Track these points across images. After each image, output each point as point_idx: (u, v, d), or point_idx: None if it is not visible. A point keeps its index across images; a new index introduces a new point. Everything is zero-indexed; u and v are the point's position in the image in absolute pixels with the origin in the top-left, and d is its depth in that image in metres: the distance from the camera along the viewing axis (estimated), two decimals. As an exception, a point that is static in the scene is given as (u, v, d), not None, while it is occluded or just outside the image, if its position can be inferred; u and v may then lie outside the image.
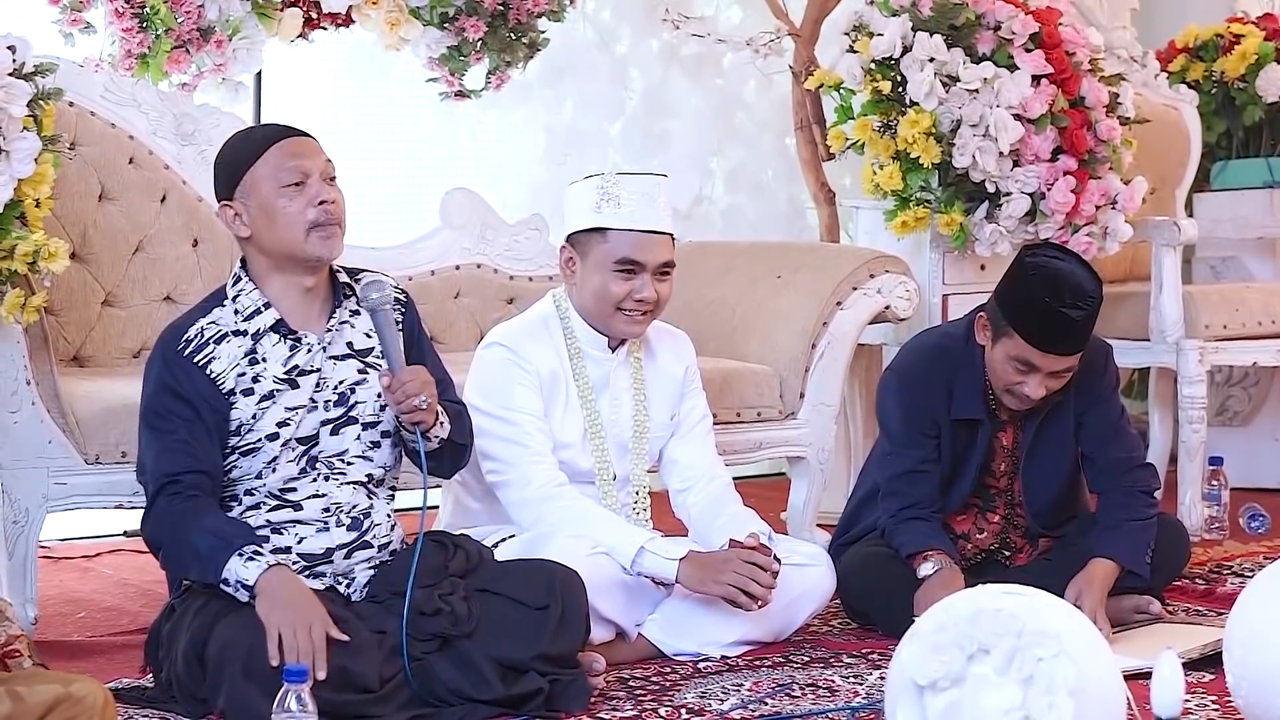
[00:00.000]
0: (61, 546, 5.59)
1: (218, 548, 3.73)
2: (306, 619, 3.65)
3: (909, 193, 5.58)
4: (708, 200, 6.92)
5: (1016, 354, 4.45)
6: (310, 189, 3.87)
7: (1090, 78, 5.77)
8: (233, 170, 3.93)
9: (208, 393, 3.85)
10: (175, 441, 3.83)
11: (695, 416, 4.63)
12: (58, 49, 5.03)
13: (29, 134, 4.23)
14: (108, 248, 4.92)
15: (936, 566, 4.44)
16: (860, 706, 3.96)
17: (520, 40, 5.67)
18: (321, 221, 3.87)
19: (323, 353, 3.92)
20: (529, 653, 3.84)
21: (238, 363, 3.87)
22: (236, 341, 3.89)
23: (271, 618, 3.65)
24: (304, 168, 3.88)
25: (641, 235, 4.36)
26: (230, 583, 3.71)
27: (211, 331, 3.89)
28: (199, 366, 3.85)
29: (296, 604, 3.68)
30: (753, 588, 4.23)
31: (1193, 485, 5.87)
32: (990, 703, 3.07)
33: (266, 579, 3.69)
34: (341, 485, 3.93)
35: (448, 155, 6.54)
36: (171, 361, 3.87)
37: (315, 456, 3.91)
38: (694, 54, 6.77)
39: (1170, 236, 5.88)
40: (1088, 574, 4.48)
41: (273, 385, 3.88)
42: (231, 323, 3.90)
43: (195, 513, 3.79)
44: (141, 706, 3.87)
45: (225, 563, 3.71)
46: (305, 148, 3.92)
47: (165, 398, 3.86)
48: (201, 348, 3.87)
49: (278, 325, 3.90)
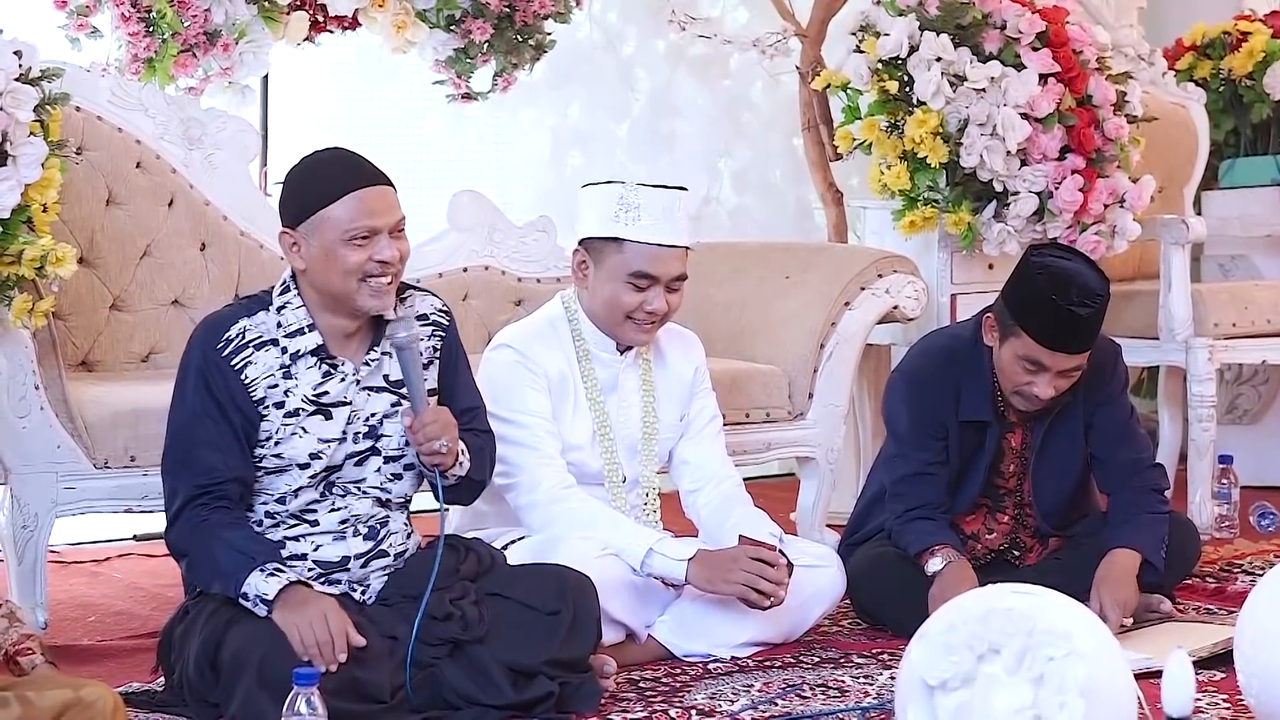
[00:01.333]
0: (71, 551, 5.59)
1: (240, 564, 3.72)
2: (321, 611, 3.65)
3: (916, 192, 5.58)
4: (715, 201, 6.91)
5: (1025, 353, 4.45)
6: (375, 244, 3.81)
7: (1098, 76, 5.77)
8: (303, 205, 3.85)
9: (240, 399, 3.82)
10: (205, 441, 3.81)
11: (705, 417, 4.63)
12: (64, 54, 5.03)
13: (36, 139, 4.23)
14: (115, 252, 4.92)
15: (945, 561, 4.44)
16: (871, 707, 3.96)
17: (526, 42, 5.66)
18: (377, 275, 3.82)
19: (356, 384, 3.89)
20: (540, 658, 3.83)
21: (271, 373, 3.84)
22: (274, 352, 3.85)
23: (288, 621, 3.65)
24: (375, 225, 3.80)
25: (658, 249, 4.35)
26: (249, 597, 3.70)
27: (252, 335, 3.85)
28: (235, 370, 3.82)
29: (312, 605, 3.68)
30: (762, 584, 4.22)
31: (1203, 484, 5.86)
32: (1001, 702, 3.06)
33: (285, 593, 3.68)
34: (360, 499, 3.93)
35: (454, 157, 6.53)
36: (210, 359, 3.83)
37: (334, 482, 3.90)
38: (700, 55, 6.77)
39: (1179, 235, 5.87)
40: (1111, 567, 4.47)
41: (299, 404, 3.85)
42: (273, 331, 3.87)
43: (221, 526, 3.78)
44: (152, 710, 3.87)
45: (246, 578, 3.70)
46: (380, 202, 3.83)
47: (200, 394, 3.82)
48: (240, 350, 3.83)
49: (318, 350, 3.86)
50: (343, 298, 3.84)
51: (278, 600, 3.67)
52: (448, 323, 4.06)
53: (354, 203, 3.80)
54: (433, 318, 4.03)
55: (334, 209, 3.80)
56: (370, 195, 3.83)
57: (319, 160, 3.91)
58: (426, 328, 4.01)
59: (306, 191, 3.85)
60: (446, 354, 4.03)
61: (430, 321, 4.03)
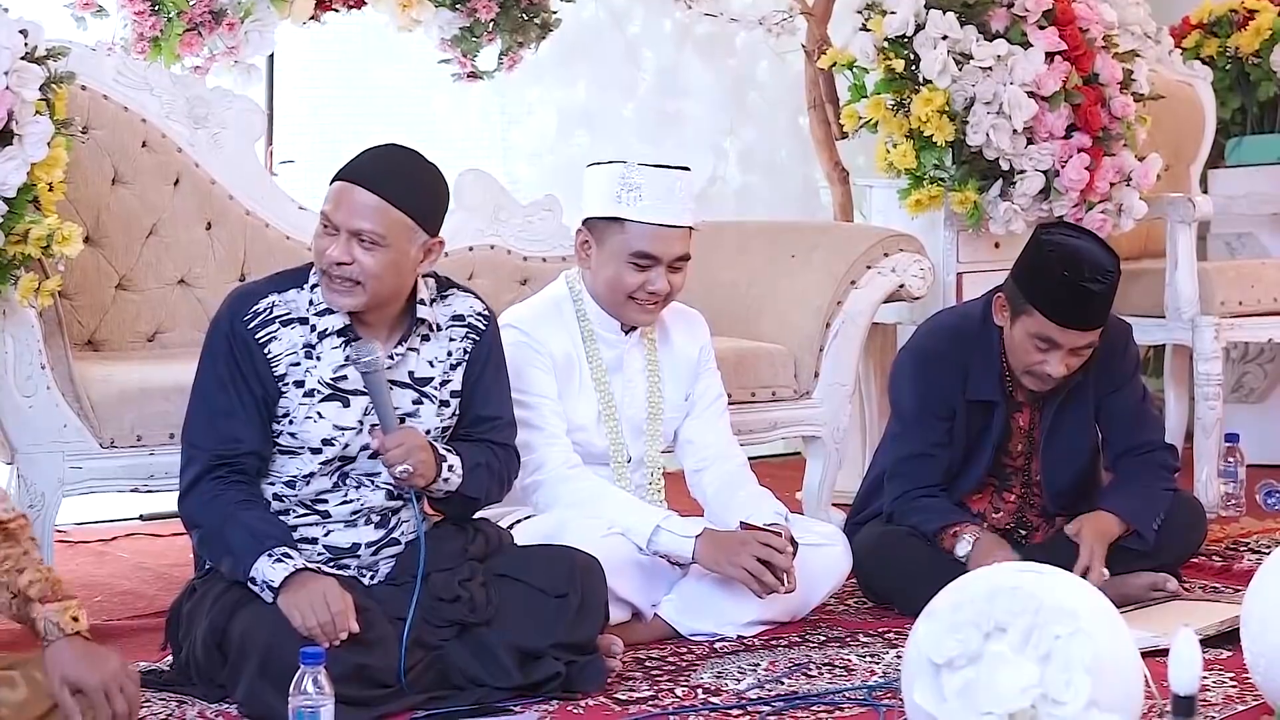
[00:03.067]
0: (78, 530, 5.59)
1: (250, 548, 3.72)
2: (321, 591, 3.66)
3: (923, 171, 5.57)
4: (721, 180, 6.90)
5: (1037, 331, 4.45)
6: (333, 240, 3.80)
7: (1104, 54, 5.75)
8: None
9: (263, 371, 3.83)
10: (227, 411, 3.81)
11: (710, 396, 4.63)
12: (70, 33, 5.04)
13: (42, 118, 4.23)
14: (121, 231, 4.91)
15: (975, 537, 4.44)
16: (877, 685, 3.96)
17: (532, 21, 5.66)
18: (332, 274, 3.81)
19: None
20: (546, 640, 3.84)
21: (295, 350, 3.84)
22: (301, 330, 3.85)
23: (290, 604, 3.65)
24: (333, 217, 3.80)
25: (660, 229, 4.35)
26: (257, 582, 3.71)
27: (280, 311, 3.85)
28: (259, 344, 3.83)
29: (313, 586, 3.68)
30: (766, 576, 4.23)
31: (1209, 462, 5.86)
32: (1007, 681, 3.06)
33: (291, 579, 3.69)
34: (373, 491, 3.92)
35: (460, 136, 6.52)
36: (237, 330, 3.83)
37: (347, 473, 3.89)
38: (707, 34, 6.76)
39: (1185, 213, 5.86)
40: (1090, 517, 4.53)
41: (316, 385, 3.84)
42: (303, 309, 3.87)
43: (236, 504, 3.78)
44: (159, 690, 3.88)
45: (254, 563, 3.71)
46: (342, 199, 3.81)
47: (223, 364, 3.83)
48: (266, 324, 3.84)
49: (344, 330, 3.86)
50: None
51: (283, 586, 3.68)
52: (484, 326, 4.04)
53: (333, 187, 3.83)
54: (468, 320, 4.02)
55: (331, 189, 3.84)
56: (337, 189, 3.83)
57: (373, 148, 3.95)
58: (459, 328, 3.99)
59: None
60: (477, 358, 4.01)
61: (465, 323, 4.01)
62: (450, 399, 3.98)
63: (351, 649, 3.65)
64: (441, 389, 3.96)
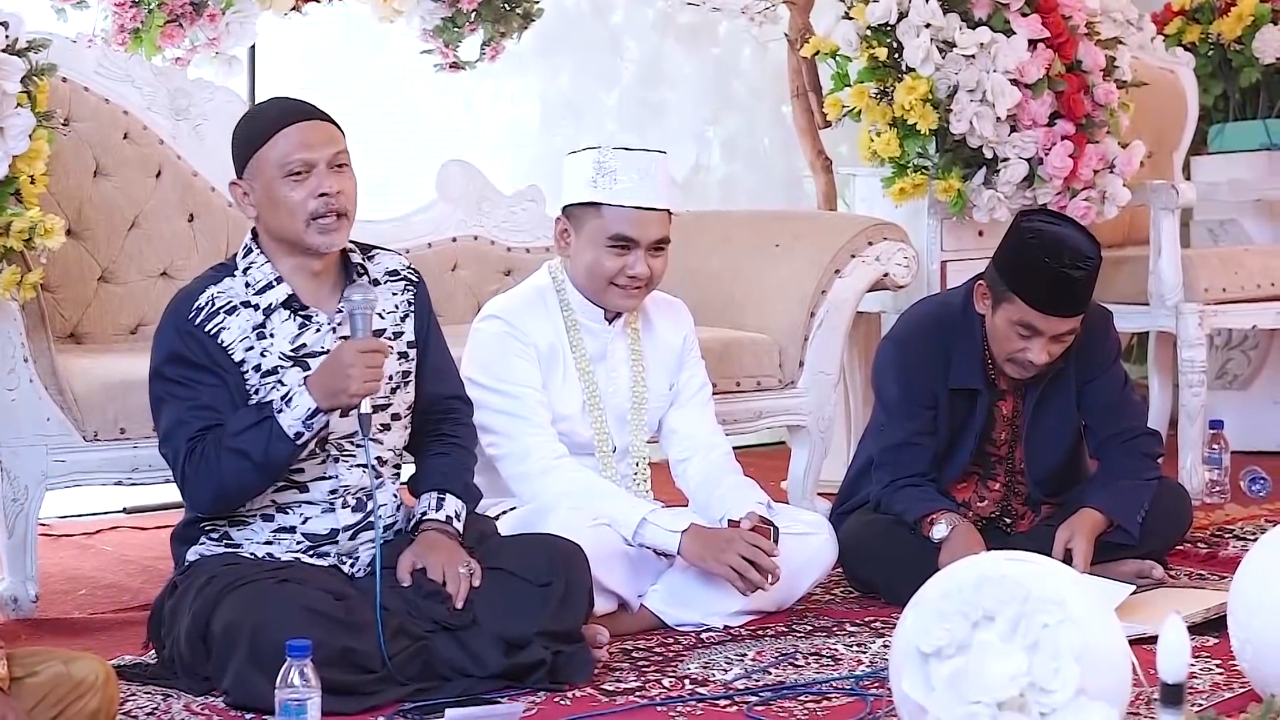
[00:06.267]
0: (61, 524, 5.57)
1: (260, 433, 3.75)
2: (334, 361, 3.77)
3: (906, 159, 5.56)
4: (704, 169, 6.90)
5: (1018, 318, 4.45)
6: (313, 179, 3.83)
7: (1087, 41, 5.75)
8: (242, 151, 3.90)
9: (223, 360, 3.83)
10: (194, 406, 3.81)
11: (694, 386, 4.62)
12: (50, 25, 5.01)
13: (23, 110, 4.22)
14: (103, 224, 4.90)
15: (951, 525, 4.45)
16: (864, 675, 3.96)
17: (514, 11, 5.64)
18: (321, 213, 3.83)
19: (332, 333, 3.89)
20: (531, 629, 3.83)
21: (246, 335, 3.85)
22: (246, 314, 3.86)
23: (325, 387, 3.75)
24: (308, 158, 3.83)
25: (636, 212, 4.34)
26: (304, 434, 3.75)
27: (221, 301, 3.86)
28: (211, 335, 3.83)
29: (330, 362, 3.78)
30: (751, 574, 4.23)
31: (1193, 449, 5.86)
32: (995, 669, 3.06)
33: (312, 389, 3.76)
34: (351, 468, 3.92)
35: (443, 127, 6.51)
36: (184, 331, 3.84)
37: (325, 438, 3.88)
38: (689, 23, 6.75)
39: (1168, 200, 5.86)
40: (1076, 519, 4.53)
41: (277, 361, 3.85)
42: (242, 294, 3.87)
43: (219, 436, 3.77)
44: (144, 683, 3.87)
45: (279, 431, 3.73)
46: (313, 135, 3.86)
47: (180, 367, 3.83)
48: (212, 316, 3.84)
49: (289, 301, 3.87)
50: (294, 238, 3.86)
51: (314, 394, 3.74)
52: (416, 279, 4.09)
53: (284, 139, 3.84)
54: (402, 274, 4.05)
55: (266, 149, 3.85)
56: (299, 129, 3.86)
57: (257, 108, 4.04)
58: (397, 283, 4.03)
59: (243, 137, 3.92)
60: (421, 308, 4.06)
61: (400, 277, 4.05)
62: (408, 349, 4.02)
63: (336, 633, 3.65)
64: (396, 340, 3.99)
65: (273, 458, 3.77)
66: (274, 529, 3.86)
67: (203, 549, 3.91)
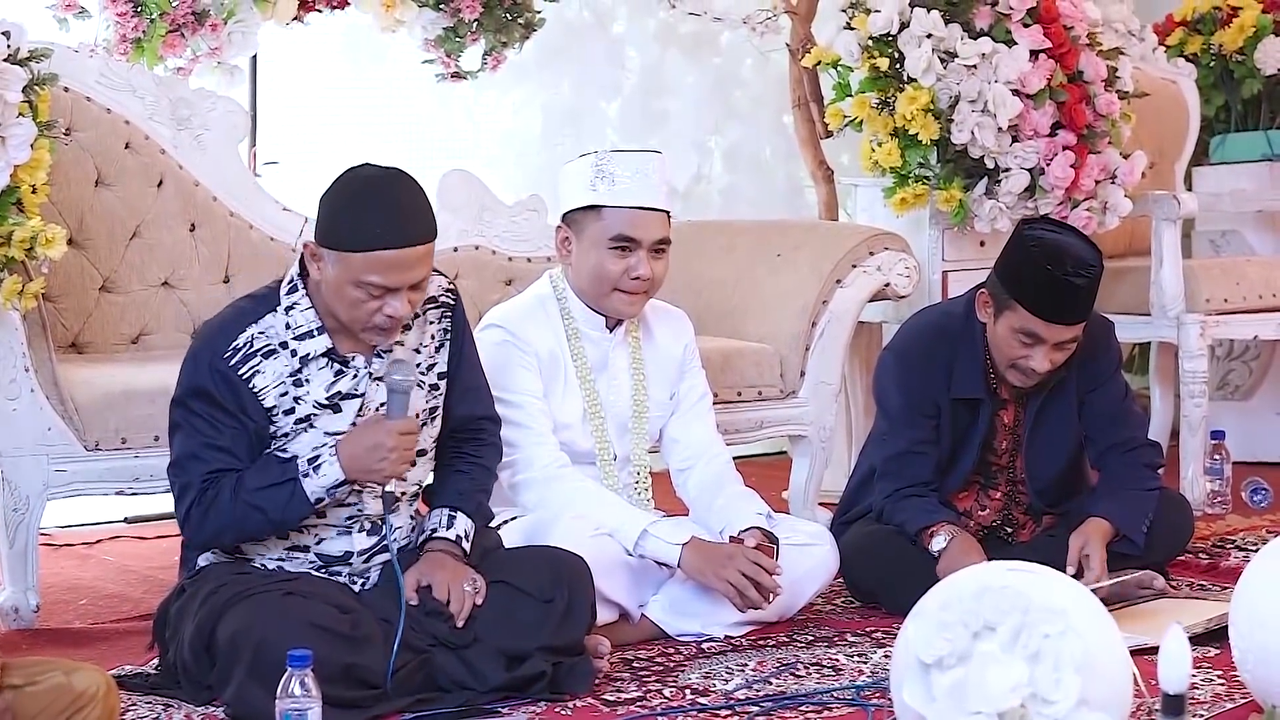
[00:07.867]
0: (62, 533, 5.58)
1: (282, 494, 3.74)
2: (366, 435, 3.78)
3: (908, 169, 5.56)
4: (706, 179, 6.90)
5: (1021, 326, 4.45)
6: (385, 298, 3.73)
7: (1088, 52, 5.76)
8: (332, 237, 3.75)
9: (251, 407, 3.78)
10: (211, 445, 3.77)
11: (695, 395, 4.62)
12: (52, 34, 5.02)
13: (25, 120, 4.22)
14: (105, 233, 4.90)
15: (950, 536, 4.45)
16: (865, 685, 3.96)
17: (516, 20, 5.65)
18: (382, 326, 3.78)
19: (368, 377, 3.86)
20: (533, 644, 3.83)
21: (282, 381, 3.80)
22: (283, 357, 3.80)
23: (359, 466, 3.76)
24: (389, 285, 3.72)
25: (637, 212, 4.35)
26: (325, 499, 3.77)
27: (260, 343, 3.79)
28: (243, 380, 3.77)
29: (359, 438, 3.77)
30: (751, 592, 4.22)
31: (1195, 460, 5.86)
32: (996, 680, 3.06)
33: (338, 450, 3.76)
34: (374, 497, 3.90)
35: (444, 137, 6.52)
36: (216, 370, 3.77)
37: None
38: (691, 33, 6.75)
39: (1170, 211, 5.87)
40: (1088, 527, 4.53)
41: (311, 410, 3.82)
42: (281, 334, 3.81)
43: (235, 482, 3.75)
44: (145, 693, 3.86)
45: (301, 494, 3.74)
46: (404, 264, 3.72)
47: (205, 404, 3.78)
48: (249, 359, 3.78)
49: (329, 352, 3.83)
50: (349, 326, 3.80)
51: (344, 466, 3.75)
52: (453, 301, 4.04)
53: (375, 262, 3.70)
54: (440, 299, 4.00)
55: (355, 258, 3.71)
56: (398, 258, 3.72)
57: (364, 198, 3.76)
58: (435, 309, 3.98)
59: (341, 227, 3.74)
60: (456, 334, 4.02)
61: (439, 304, 4.00)
62: (438, 381, 3.98)
63: (340, 649, 3.64)
64: (429, 373, 3.96)
65: (289, 516, 3.77)
66: (288, 546, 3.86)
67: (213, 555, 3.90)
